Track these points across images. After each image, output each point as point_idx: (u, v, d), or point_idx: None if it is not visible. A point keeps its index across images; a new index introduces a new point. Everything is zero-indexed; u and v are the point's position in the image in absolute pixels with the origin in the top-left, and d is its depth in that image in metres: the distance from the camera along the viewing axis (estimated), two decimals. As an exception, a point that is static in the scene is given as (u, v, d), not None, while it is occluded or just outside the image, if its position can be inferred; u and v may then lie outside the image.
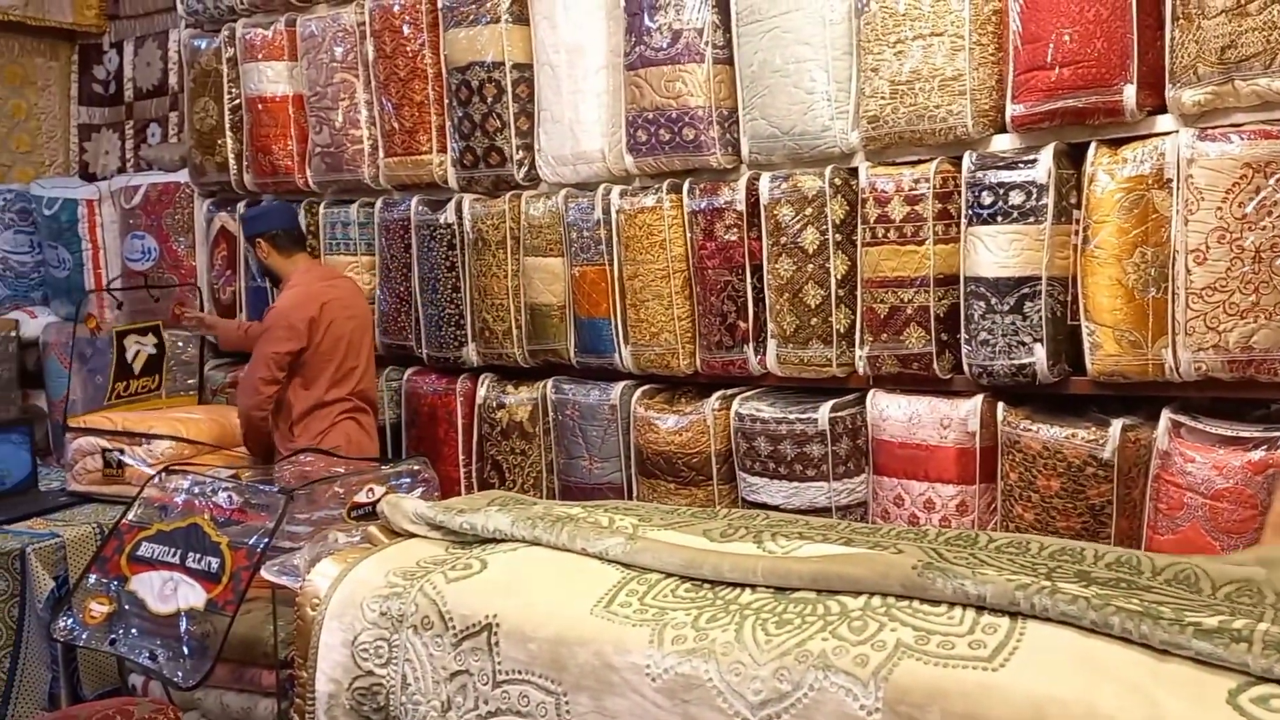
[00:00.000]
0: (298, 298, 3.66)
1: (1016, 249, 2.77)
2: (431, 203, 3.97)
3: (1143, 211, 2.61)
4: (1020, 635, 1.63)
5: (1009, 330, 2.80)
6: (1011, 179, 2.78)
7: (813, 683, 1.66)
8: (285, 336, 3.59)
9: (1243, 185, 2.47)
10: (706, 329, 3.39)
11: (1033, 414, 2.84)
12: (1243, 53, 2.45)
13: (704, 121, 3.27)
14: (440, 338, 3.96)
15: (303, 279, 3.74)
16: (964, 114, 2.83)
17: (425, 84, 3.92)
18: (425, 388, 4.04)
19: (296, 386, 3.66)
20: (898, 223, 2.97)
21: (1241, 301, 2.49)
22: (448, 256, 3.88)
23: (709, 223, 3.31)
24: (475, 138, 3.77)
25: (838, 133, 3.08)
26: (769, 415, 3.22)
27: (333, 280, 3.84)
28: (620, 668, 1.83)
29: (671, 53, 3.27)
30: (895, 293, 3.00)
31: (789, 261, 3.18)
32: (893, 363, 3.04)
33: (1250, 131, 2.47)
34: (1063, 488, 2.72)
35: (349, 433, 3.71)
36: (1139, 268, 2.62)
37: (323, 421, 3.67)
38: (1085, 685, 1.51)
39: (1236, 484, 2.47)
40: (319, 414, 3.67)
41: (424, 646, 2.08)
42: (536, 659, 1.92)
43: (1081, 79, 2.64)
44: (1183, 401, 2.71)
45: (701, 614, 1.86)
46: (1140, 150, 2.62)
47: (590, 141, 3.53)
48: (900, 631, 1.69)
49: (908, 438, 3.01)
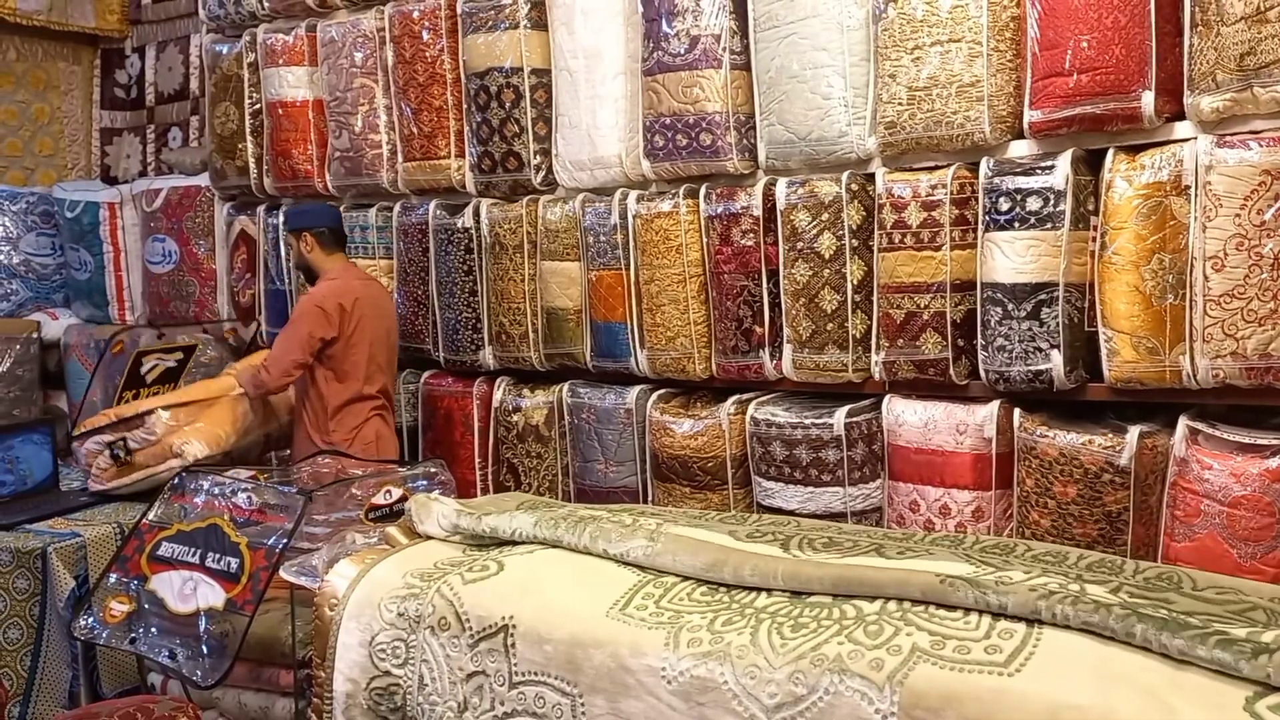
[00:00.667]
0: (333, 288, 3.76)
1: (1034, 255, 2.77)
2: (449, 207, 3.99)
3: (1161, 218, 2.61)
4: (1037, 641, 1.64)
5: (1026, 336, 2.80)
6: (1029, 185, 2.78)
7: (828, 686, 1.67)
8: (320, 319, 3.67)
9: (1261, 192, 2.46)
10: (722, 333, 3.40)
11: (1049, 420, 2.83)
12: (1262, 59, 2.44)
13: (721, 127, 3.28)
14: (457, 341, 3.98)
15: (340, 274, 3.84)
16: (981, 120, 2.83)
17: (444, 89, 3.94)
18: (442, 391, 4.07)
19: (331, 380, 3.73)
20: (914, 228, 2.97)
21: (1260, 308, 2.49)
22: (465, 260, 3.90)
23: (725, 228, 3.32)
24: (493, 143, 3.80)
25: (855, 138, 3.09)
26: (784, 420, 3.22)
27: (366, 280, 3.94)
28: (636, 670, 1.84)
29: (689, 58, 3.28)
30: (912, 298, 3.00)
31: (805, 266, 3.18)
32: (909, 368, 3.04)
33: (1269, 138, 2.47)
34: (1079, 494, 2.72)
35: (379, 430, 3.82)
36: (1157, 274, 2.61)
37: (358, 416, 3.76)
38: (1101, 691, 1.52)
39: (1254, 491, 2.46)
40: (354, 408, 3.76)
41: (441, 647, 2.09)
42: (552, 660, 1.94)
43: (1099, 85, 2.63)
44: (1200, 408, 2.70)
45: (717, 617, 1.88)
46: (1158, 157, 2.62)
47: (607, 146, 3.55)
48: (916, 636, 1.70)
49: (923, 443, 3.01)
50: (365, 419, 3.77)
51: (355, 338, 3.73)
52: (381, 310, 3.87)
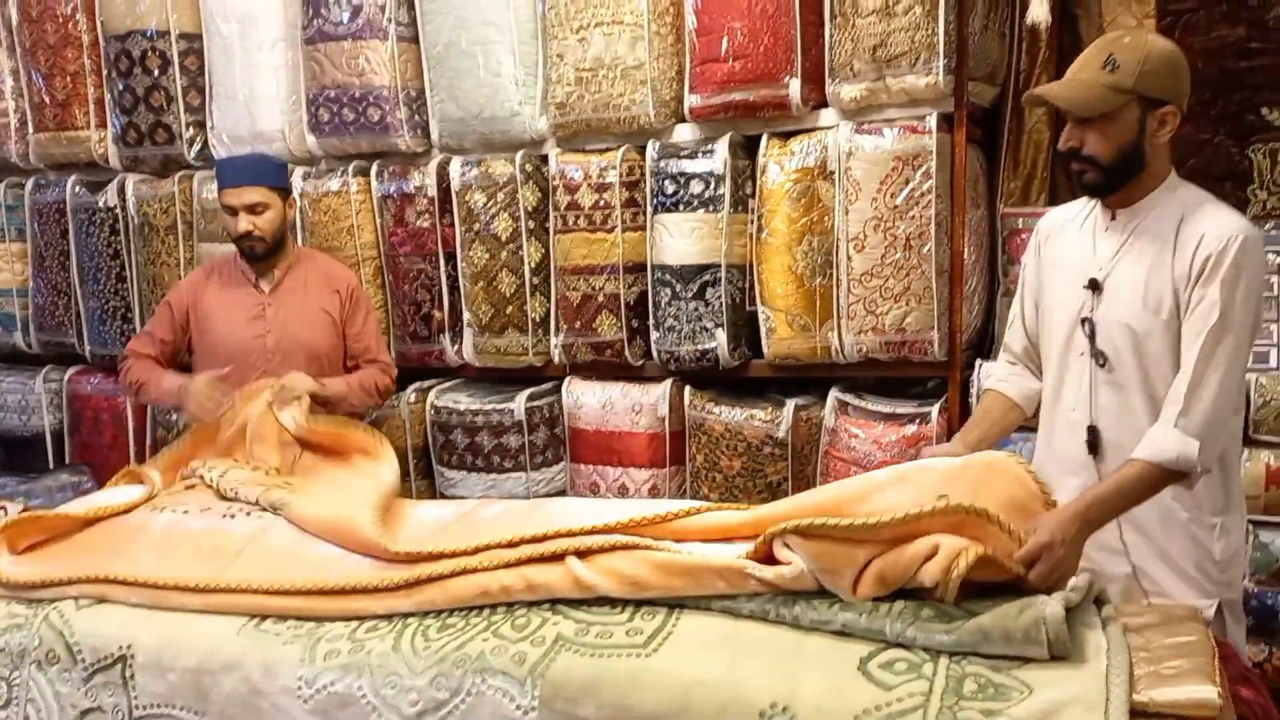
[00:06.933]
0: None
1: (698, 237, 2.84)
2: (91, 184, 3.58)
3: (809, 201, 2.74)
4: (676, 621, 1.65)
5: (693, 316, 2.87)
6: (692, 169, 2.83)
7: (470, 687, 1.60)
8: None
9: (894, 177, 2.64)
10: (400, 319, 3.26)
11: (716, 397, 2.92)
12: (892, 51, 2.61)
13: (390, 102, 3.13)
14: (105, 333, 3.58)
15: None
16: (646, 103, 2.85)
17: (80, 53, 3.52)
18: (90, 389, 3.65)
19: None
20: (587, 210, 2.96)
21: (895, 286, 2.67)
22: (110, 243, 3.51)
23: (400, 208, 3.17)
24: (138, 113, 3.43)
25: (527, 118, 3.03)
26: (466, 407, 3.14)
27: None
28: (269, 693, 1.69)
29: (352, 28, 3.10)
30: (587, 280, 3.00)
31: (483, 249, 3.10)
32: (586, 350, 3.04)
33: (900, 126, 2.65)
34: (744, 467, 2.82)
35: None
36: (807, 255, 2.75)
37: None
38: (730, 666, 1.54)
39: (894, 457, 2.65)
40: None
41: (50, 684, 1.85)
42: (177, 690, 1.76)
43: (751, 73, 2.72)
44: (850, 382, 2.87)
45: (361, 624, 1.76)
46: (806, 143, 2.75)
47: (269, 120, 3.29)
48: (562, 625, 1.66)
49: (602, 425, 3.02)
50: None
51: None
52: None
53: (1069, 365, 1.96)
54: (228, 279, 2.81)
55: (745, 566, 1.63)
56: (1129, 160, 1.83)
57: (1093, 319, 1.91)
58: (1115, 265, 1.89)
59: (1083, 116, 1.82)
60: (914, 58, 2.59)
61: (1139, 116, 1.80)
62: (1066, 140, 1.87)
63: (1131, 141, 1.81)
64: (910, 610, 1.58)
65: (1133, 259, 1.87)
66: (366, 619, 1.76)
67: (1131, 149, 1.82)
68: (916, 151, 2.61)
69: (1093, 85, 1.80)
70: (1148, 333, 1.84)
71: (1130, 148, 1.82)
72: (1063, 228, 2.03)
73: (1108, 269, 1.90)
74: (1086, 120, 1.82)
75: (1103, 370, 1.90)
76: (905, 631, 1.55)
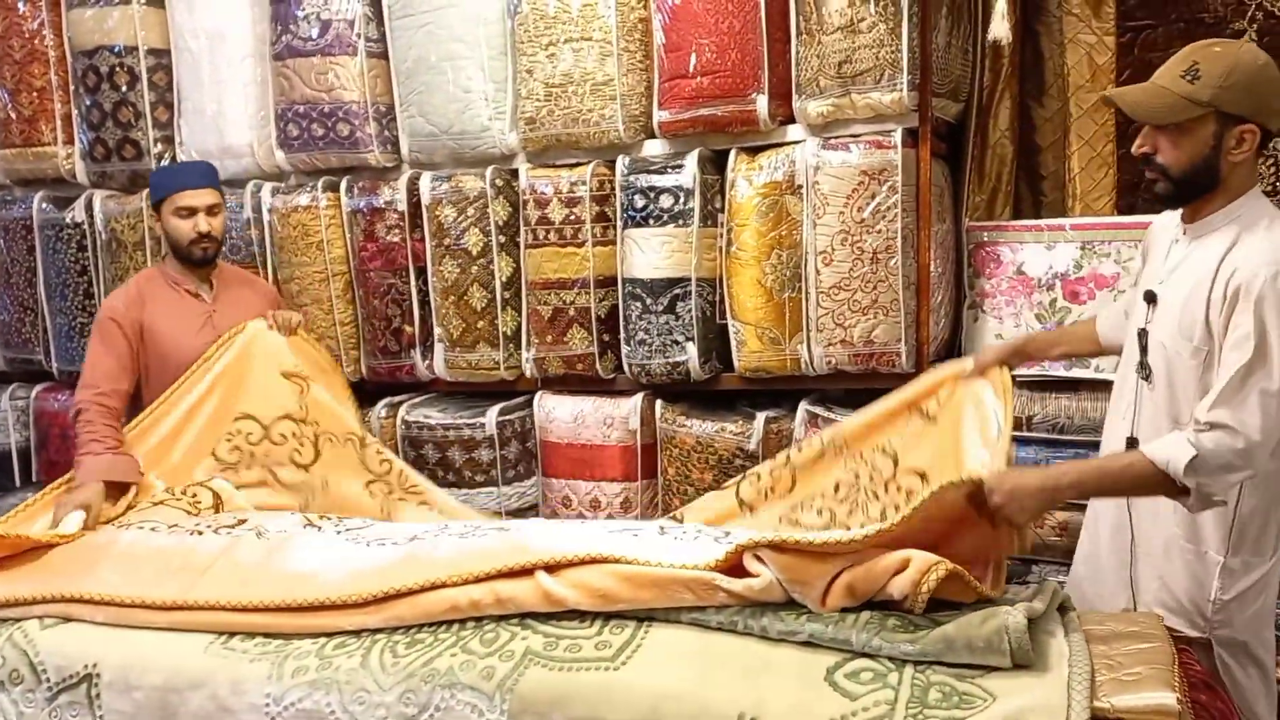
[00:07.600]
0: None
1: (668, 251, 2.86)
2: (58, 200, 3.56)
3: (778, 216, 2.76)
4: (645, 634, 1.65)
5: (664, 330, 2.88)
6: (662, 183, 2.85)
7: (439, 703, 1.60)
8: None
9: (861, 191, 2.67)
10: (371, 334, 3.25)
11: (688, 410, 2.94)
12: (857, 67, 2.64)
13: (359, 117, 3.13)
14: (72, 350, 3.55)
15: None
16: (615, 119, 2.87)
17: (47, 68, 3.50)
18: (58, 406, 3.61)
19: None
20: (558, 224, 2.98)
21: (863, 299, 2.70)
22: (78, 259, 3.49)
23: (370, 223, 3.17)
24: (106, 129, 3.41)
25: (497, 133, 3.04)
26: (437, 421, 3.13)
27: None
28: (237, 710, 1.69)
29: (321, 43, 3.10)
30: (558, 294, 3.01)
31: (453, 263, 3.11)
32: (558, 364, 3.05)
33: (866, 141, 2.68)
34: (715, 480, 2.83)
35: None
36: (776, 269, 2.77)
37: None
38: (699, 678, 1.55)
39: (863, 468, 2.66)
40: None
41: (14, 704, 1.83)
42: (144, 709, 1.74)
43: (719, 88, 2.75)
44: (819, 394, 2.89)
45: (330, 640, 1.76)
46: (775, 158, 2.77)
47: (237, 135, 3.28)
48: (530, 639, 1.67)
49: (574, 438, 3.03)
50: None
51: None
52: None
53: (1127, 373, 1.95)
54: (163, 293, 2.71)
55: (714, 579, 1.65)
56: (1200, 174, 1.75)
57: (1147, 331, 1.86)
58: (1171, 280, 1.83)
59: (1152, 124, 1.75)
60: (879, 74, 2.63)
61: (1215, 131, 1.72)
62: (1139, 145, 1.80)
63: (1204, 156, 1.73)
64: (876, 620, 1.60)
65: (1182, 277, 1.81)
66: (335, 635, 1.75)
67: (1204, 163, 1.74)
68: (882, 166, 2.64)
69: (1167, 93, 1.73)
70: (1177, 354, 1.79)
71: (1202, 161, 1.74)
72: (1161, 231, 1.96)
73: (1166, 283, 1.84)
74: (1162, 127, 1.75)
75: (1146, 384, 1.86)
76: (871, 641, 1.57)
